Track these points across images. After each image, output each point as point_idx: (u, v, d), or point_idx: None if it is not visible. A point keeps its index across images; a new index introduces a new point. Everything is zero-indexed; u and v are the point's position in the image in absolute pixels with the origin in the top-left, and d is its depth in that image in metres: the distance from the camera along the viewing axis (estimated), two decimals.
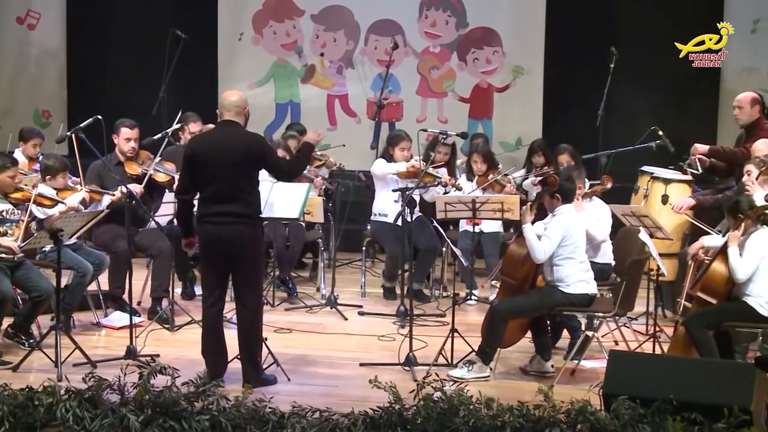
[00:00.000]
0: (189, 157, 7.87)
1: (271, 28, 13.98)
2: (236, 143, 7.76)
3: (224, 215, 7.69)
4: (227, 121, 7.88)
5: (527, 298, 8.28)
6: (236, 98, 7.94)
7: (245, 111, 7.93)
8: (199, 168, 7.80)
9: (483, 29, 13.63)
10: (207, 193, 7.78)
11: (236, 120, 7.87)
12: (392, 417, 6.25)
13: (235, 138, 7.80)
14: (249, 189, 7.78)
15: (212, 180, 7.72)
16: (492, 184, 10.74)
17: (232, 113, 7.87)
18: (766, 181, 8.68)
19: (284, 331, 9.52)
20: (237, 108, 7.88)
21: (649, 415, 6.03)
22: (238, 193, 7.71)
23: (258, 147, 7.88)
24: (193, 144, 8.09)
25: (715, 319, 7.92)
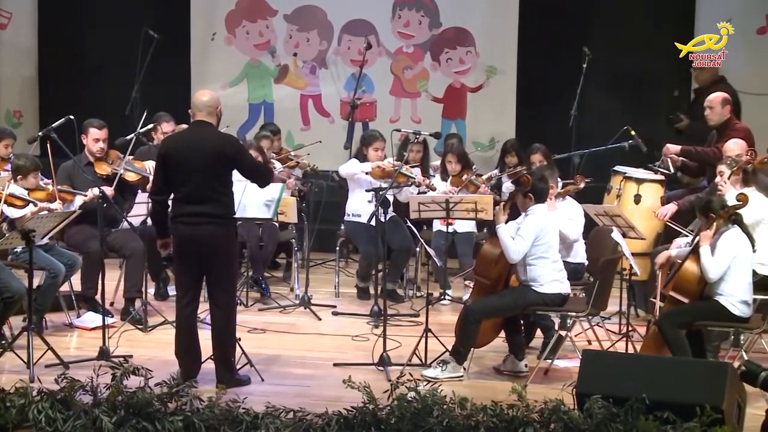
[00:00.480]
0: (162, 157, 7.85)
1: (244, 28, 13.95)
2: (209, 144, 7.74)
3: (198, 216, 7.67)
4: (200, 122, 7.86)
5: (501, 298, 8.30)
6: (208, 98, 7.91)
7: (217, 111, 7.91)
8: (172, 168, 7.78)
9: (456, 29, 13.64)
10: (180, 194, 7.76)
11: (208, 120, 7.85)
12: (366, 417, 6.25)
13: (207, 138, 7.78)
14: (222, 189, 7.76)
15: (185, 180, 7.70)
16: (466, 185, 10.76)
17: (204, 113, 7.85)
18: (737, 180, 8.72)
19: (258, 331, 9.50)
20: (209, 108, 7.86)
21: (622, 414, 6.05)
22: (211, 194, 7.69)
23: (231, 148, 7.86)
24: (166, 144, 8.06)
25: (688, 318, 7.96)
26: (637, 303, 10.04)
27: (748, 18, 12.94)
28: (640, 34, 13.03)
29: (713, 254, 7.84)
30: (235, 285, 8.29)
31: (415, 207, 9.89)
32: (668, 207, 9.72)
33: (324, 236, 11.93)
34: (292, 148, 12.91)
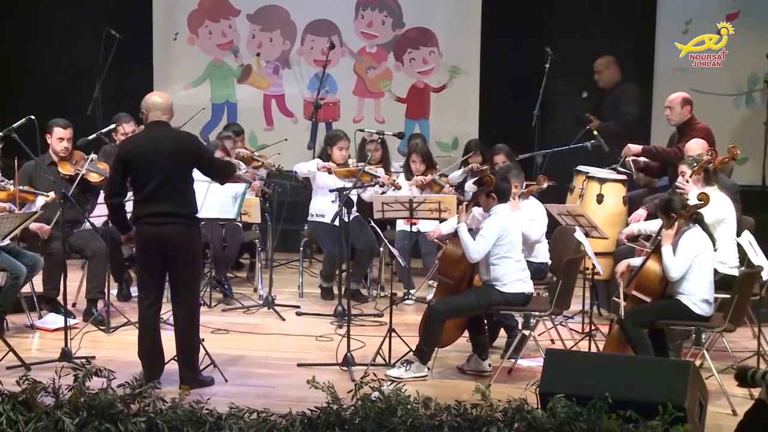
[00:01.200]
0: (122, 159, 7.83)
1: (207, 27, 13.91)
2: (170, 142, 7.75)
3: (161, 216, 7.65)
4: (157, 122, 7.85)
5: (464, 298, 8.31)
6: (163, 99, 7.93)
7: (171, 111, 7.94)
8: (133, 170, 7.76)
9: (419, 29, 13.65)
10: (143, 194, 7.74)
11: (165, 120, 7.85)
12: (330, 417, 6.24)
13: (168, 137, 7.80)
14: (185, 188, 7.76)
15: (148, 180, 7.68)
16: (430, 184, 10.77)
17: (158, 113, 7.84)
18: (699, 180, 8.78)
19: (221, 332, 9.48)
20: (163, 109, 7.86)
21: (584, 412, 6.07)
22: (174, 193, 7.68)
23: (192, 146, 7.89)
24: (126, 146, 8.04)
25: (650, 317, 8.00)
26: (600, 302, 10.08)
27: (708, 19, 13.02)
28: (602, 34, 13.08)
29: (675, 253, 7.89)
30: (199, 285, 8.27)
31: (378, 207, 9.90)
32: (639, 213, 9.78)
33: (288, 236, 11.92)
34: (255, 148, 12.88)
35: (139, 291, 8.02)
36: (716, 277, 8.15)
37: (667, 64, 13.13)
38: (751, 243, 8.45)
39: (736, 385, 5.89)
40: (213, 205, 9.29)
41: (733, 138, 10.39)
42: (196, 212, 7.88)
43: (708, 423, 6.94)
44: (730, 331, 8.07)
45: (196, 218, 7.91)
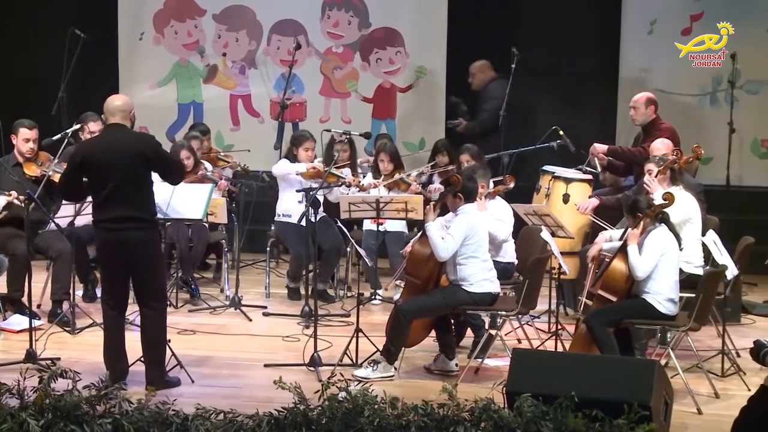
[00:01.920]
0: (78, 163, 7.81)
1: (173, 27, 13.86)
2: (127, 145, 7.74)
3: (120, 220, 7.64)
4: (115, 125, 7.83)
5: (431, 298, 8.32)
6: (121, 102, 7.90)
7: (131, 115, 7.94)
8: (89, 174, 7.75)
9: (385, 29, 13.65)
10: (100, 198, 7.72)
11: (123, 123, 7.82)
12: (297, 417, 6.24)
13: (125, 140, 7.78)
14: (143, 191, 7.75)
15: (104, 184, 7.66)
16: (398, 183, 10.77)
17: (118, 117, 7.82)
18: (664, 180, 8.83)
19: (188, 332, 9.45)
20: (123, 112, 7.85)
21: (551, 412, 6.09)
22: (132, 196, 7.66)
23: (150, 148, 7.85)
24: (82, 150, 8.02)
25: (616, 316, 8.04)
26: (566, 301, 10.12)
27: (673, 19, 13.10)
28: (568, 34, 13.12)
29: (641, 253, 7.93)
30: (164, 286, 8.26)
31: (345, 207, 9.89)
32: (589, 201, 9.82)
33: (254, 237, 11.89)
34: (221, 148, 12.85)
35: (102, 293, 8.00)
36: (681, 276, 8.20)
37: (631, 64, 13.19)
38: (715, 242, 8.50)
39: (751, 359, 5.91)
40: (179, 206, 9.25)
41: (698, 138, 10.44)
42: (155, 214, 7.86)
43: (673, 422, 6.99)
44: (695, 330, 8.11)
45: (155, 221, 7.90)
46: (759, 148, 13.14)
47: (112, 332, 7.84)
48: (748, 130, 12.92)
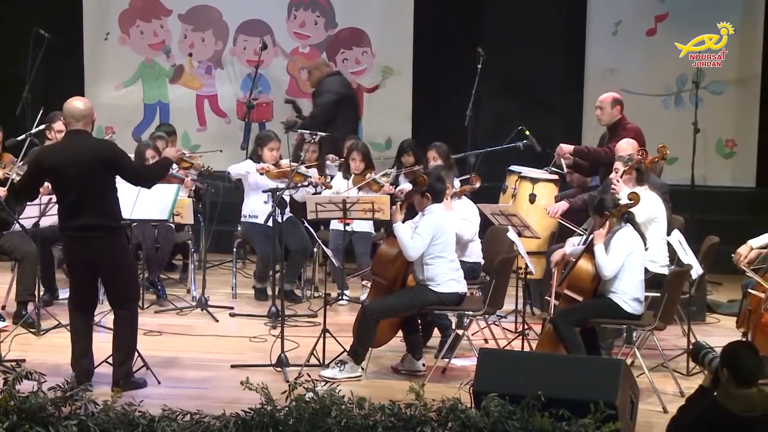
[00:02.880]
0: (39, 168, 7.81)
1: (138, 27, 13.81)
2: (88, 152, 7.68)
3: (85, 229, 7.61)
4: (75, 131, 7.78)
5: (398, 298, 8.33)
6: (83, 107, 7.84)
7: (92, 119, 7.88)
8: (53, 181, 7.76)
9: (352, 30, 13.65)
10: (64, 205, 7.69)
11: (84, 129, 7.78)
12: (264, 418, 6.23)
13: (86, 147, 7.72)
14: (106, 197, 7.71)
15: (67, 192, 7.63)
16: (370, 184, 10.76)
17: (81, 123, 7.77)
18: (630, 179, 8.86)
19: (154, 333, 9.42)
20: (86, 118, 7.81)
21: (518, 411, 6.10)
22: (95, 204, 7.63)
23: (111, 153, 7.80)
24: (44, 156, 7.99)
25: (582, 316, 8.07)
26: (533, 301, 10.14)
27: (637, 20, 13.18)
28: (533, 35, 13.17)
29: (607, 252, 7.96)
30: (136, 288, 8.25)
31: (312, 207, 9.88)
32: (559, 205, 9.84)
33: (221, 237, 11.86)
34: (188, 148, 12.81)
35: (70, 296, 7.95)
36: (647, 275, 8.24)
37: (597, 64, 13.26)
38: (680, 242, 8.55)
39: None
40: (145, 207, 9.22)
41: (663, 138, 10.48)
42: (120, 219, 7.84)
43: (639, 420, 7.02)
44: (661, 329, 8.15)
45: (121, 226, 7.87)
46: (723, 148, 13.23)
47: (79, 334, 7.80)
48: (713, 131, 13.02)
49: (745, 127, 13.17)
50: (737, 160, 13.25)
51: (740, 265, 8.38)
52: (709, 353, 5.89)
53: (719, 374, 5.66)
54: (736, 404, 5.49)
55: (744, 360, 5.61)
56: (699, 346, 6.02)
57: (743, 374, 5.56)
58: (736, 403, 5.50)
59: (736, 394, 5.53)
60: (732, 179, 13.25)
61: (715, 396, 5.64)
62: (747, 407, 5.49)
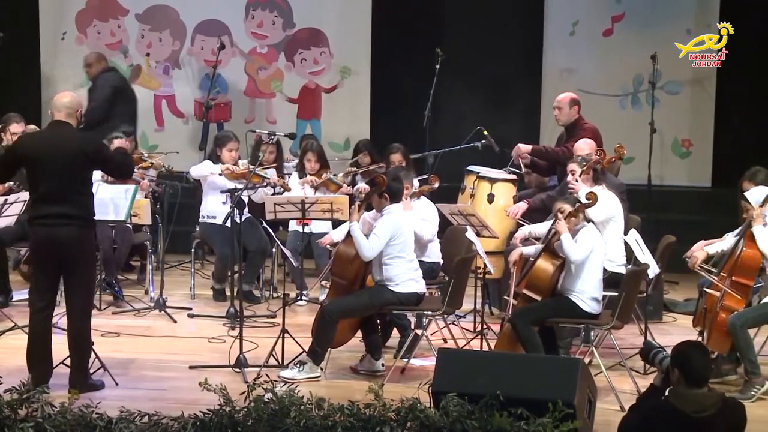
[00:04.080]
0: (18, 154, 7.80)
1: (95, 27, 13.73)
2: (70, 143, 7.68)
3: (57, 217, 7.57)
4: (58, 122, 7.77)
5: (357, 298, 8.33)
6: (69, 100, 7.84)
7: (78, 113, 7.85)
8: (29, 168, 7.71)
9: (310, 30, 13.65)
10: (38, 194, 7.67)
11: (68, 121, 7.76)
12: (223, 419, 6.21)
13: (68, 138, 7.71)
14: (82, 190, 7.70)
15: (44, 180, 7.61)
16: (326, 183, 10.75)
17: (63, 114, 7.76)
18: (587, 179, 8.91)
19: (112, 335, 9.36)
20: (69, 109, 7.78)
21: (476, 411, 6.12)
22: (71, 195, 7.61)
23: (92, 147, 7.80)
24: (24, 143, 8.01)
25: (540, 315, 8.10)
26: (492, 301, 10.17)
27: (595, 20, 13.26)
28: (491, 35, 13.21)
29: None
30: (93, 288, 8.22)
31: (270, 208, 9.86)
32: (519, 205, 9.87)
33: (179, 238, 11.79)
34: (146, 149, 12.75)
35: (32, 293, 7.90)
36: (604, 275, 8.28)
37: (554, 64, 13.33)
38: (637, 241, 8.60)
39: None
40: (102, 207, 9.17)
41: (620, 138, 10.54)
42: (93, 215, 7.80)
43: (597, 419, 7.06)
44: (618, 328, 8.20)
45: (92, 221, 7.84)
46: (679, 147, 13.33)
47: (37, 334, 7.76)
48: (669, 130, 13.11)
49: (700, 127, 13.27)
50: (693, 160, 13.36)
51: (696, 267, 8.44)
52: (659, 353, 5.94)
53: (670, 374, 5.70)
54: (687, 404, 5.53)
55: (694, 360, 5.65)
56: (649, 345, 6.06)
57: (694, 375, 5.60)
58: (687, 403, 5.54)
59: (687, 394, 5.57)
60: (688, 179, 13.35)
61: (666, 396, 5.68)
62: (698, 407, 5.53)
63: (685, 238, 9.35)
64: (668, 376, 5.73)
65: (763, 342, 8.70)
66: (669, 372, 5.72)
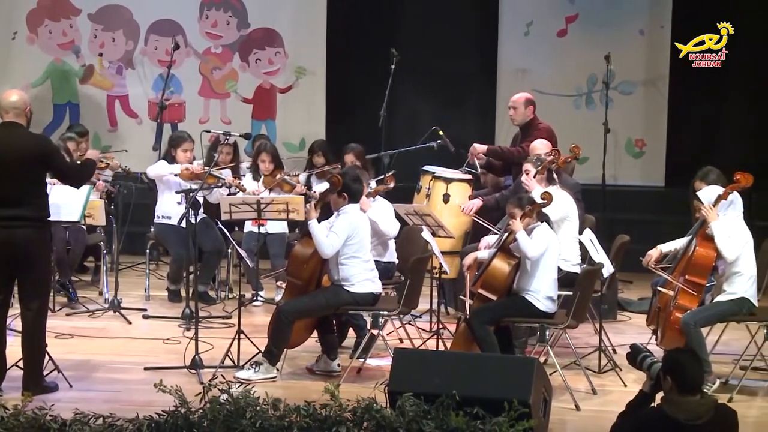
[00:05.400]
0: None
1: (47, 27, 13.64)
2: (22, 144, 7.60)
3: (12, 219, 7.50)
4: (9, 123, 7.68)
5: (313, 298, 8.32)
6: (16, 98, 7.74)
7: (26, 111, 7.76)
8: None
9: (265, 30, 13.63)
10: None
11: (18, 121, 7.67)
12: (178, 421, 6.18)
13: (20, 139, 7.63)
14: (37, 192, 7.62)
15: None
16: (280, 184, 10.73)
17: (11, 114, 7.67)
18: (542, 179, 8.94)
19: (66, 336, 9.30)
20: (17, 109, 7.69)
21: (433, 411, 6.13)
22: (25, 196, 7.53)
23: (45, 149, 7.73)
24: None
25: (496, 314, 8.12)
26: (447, 301, 10.19)
27: (549, 21, 13.33)
28: (446, 35, 13.24)
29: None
30: (49, 289, 8.16)
31: (226, 208, 9.82)
32: (473, 202, 9.90)
33: (134, 239, 11.75)
34: (99, 149, 12.66)
35: None
36: (559, 274, 8.31)
37: (509, 65, 13.39)
38: (592, 241, 8.64)
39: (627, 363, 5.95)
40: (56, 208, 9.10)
41: (574, 138, 10.59)
42: (48, 216, 7.74)
43: (552, 418, 7.09)
44: (573, 327, 8.23)
45: (48, 222, 7.78)
46: (633, 147, 13.43)
47: None
48: (623, 130, 13.20)
49: (654, 127, 13.38)
50: (647, 160, 13.46)
51: (650, 266, 8.50)
52: (647, 357, 5.81)
53: (661, 381, 5.64)
54: (681, 412, 5.45)
55: (688, 369, 5.55)
56: (636, 349, 5.94)
57: (687, 383, 5.52)
58: (681, 411, 5.45)
59: (681, 402, 5.49)
60: (642, 178, 13.45)
61: (660, 404, 5.64)
62: (692, 415, 5.45)
63: (639, 238, 9.41)
64: (658, 382, 5.67)
65: (715, 341, 8.77)
66: (659, 378, 5.66)
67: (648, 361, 5.78)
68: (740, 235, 8.13)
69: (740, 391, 8.08)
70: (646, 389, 5.76)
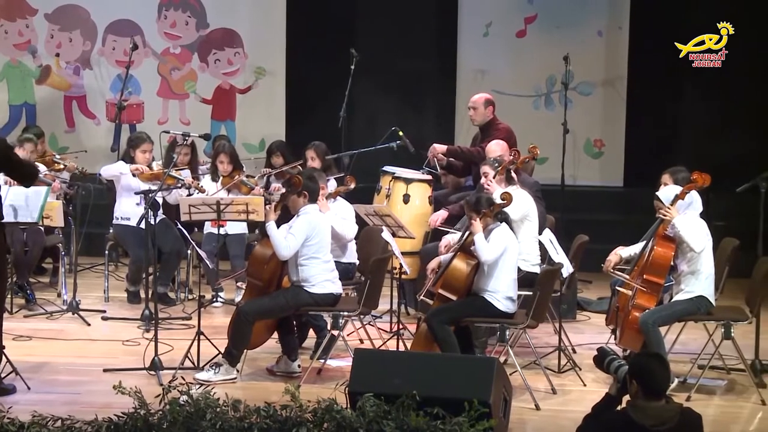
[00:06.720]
0: None
1: (2, 27, 13.55)
2: None
3: None
4: None
5: (273, 299, 8.31)
6: None
7: None
8: None
9: (223, 30, 13.59)
10: None
11: None
12: (137, 423, 6.16)
13: None
14: None
15: None
16: (238, 185, 10.71)
17: None
18: (501, 180, 8.97)
19: (23, 338, 9.24)
20: None
21: (393, 411, 6.13)
22: None
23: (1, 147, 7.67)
24: None
25: (455, 314, 8.14)
26: (408, 301, 10.20)
27: (507, 21, 13.38)
28: (406, 36, 13.26)
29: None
30: (5, 291, 8.11)
31: (185, 209, 9.78)
32: (439, 213, 9.93)
33: (92, 240, 11.70)
34: (56, 150, 12.59)
35: None
36: (519, 274, 8.35)
37: (469, 65, 13.42)
38: (551, 241, 8.68)
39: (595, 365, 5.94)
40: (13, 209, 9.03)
41: (533, 138, 10.63)
42: (2, 218, 7.67)
43: (512, 417, 7.12)
44: (533, 327, 8.26)
45: (2, 224, 7.70)
46: (592, 148, 13.49)
47: None
48: (582, 131, 13.26)
49: (612, 127, 13.45)
50: (605, 160, 13.53)
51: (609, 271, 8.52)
52: (614, 360, 5.78)
53: (628, 385, 5.62)
54: (647, 418, 5.40)
55: (655, 373, 5.52)
56: (604, 352, 5.91)
57: (653, 387, 5.49)
58: (646, 416, 5.40)
59: (647, 407, 5.45)
60: (600, 179, 13.52)
61: (625, 408, 5.63)
62: (657, 421, 5.42)
63: (598, 238, 9.46)
64: (624, 386, 5.66)
65: (673, 340, 8.83)
66: (626, 382, 5.65)
67: (615, 364, 5.76)
68: (702, 231, 8.19)
69: (698, 390, 8.13)
70: (612, 392, 5.73)
